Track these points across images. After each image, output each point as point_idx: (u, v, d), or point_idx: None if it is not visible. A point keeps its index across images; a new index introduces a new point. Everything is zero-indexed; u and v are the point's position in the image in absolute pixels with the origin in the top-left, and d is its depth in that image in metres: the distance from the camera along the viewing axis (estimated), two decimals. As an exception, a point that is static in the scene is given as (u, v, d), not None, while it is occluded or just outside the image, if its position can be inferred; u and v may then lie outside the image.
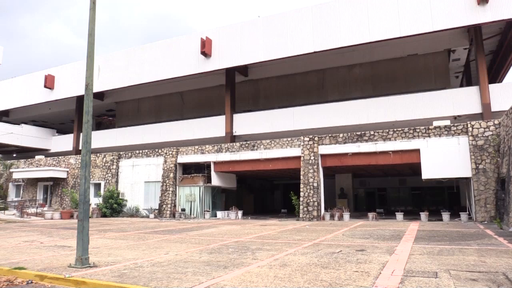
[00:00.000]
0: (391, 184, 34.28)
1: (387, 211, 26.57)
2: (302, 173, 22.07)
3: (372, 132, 21.06)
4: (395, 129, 20.62)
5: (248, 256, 8.88)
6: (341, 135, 21.80)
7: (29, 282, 6.85)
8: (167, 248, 10.52)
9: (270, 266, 7.66)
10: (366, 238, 12.28)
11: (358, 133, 21.40)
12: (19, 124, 40.37)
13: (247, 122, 28.15)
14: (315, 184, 21.59)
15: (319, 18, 24.45)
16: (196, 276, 6.72)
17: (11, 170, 33.08)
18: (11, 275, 7.23)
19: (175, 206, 25.53)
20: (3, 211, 26.28)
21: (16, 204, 30.20)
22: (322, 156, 22.17)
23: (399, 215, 21.10)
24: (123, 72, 31.65)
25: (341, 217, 21.57)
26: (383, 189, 35.65)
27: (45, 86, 35.95)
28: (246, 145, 24.39)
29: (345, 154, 21.48)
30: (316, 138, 22.21)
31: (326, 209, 22.30)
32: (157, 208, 25.91)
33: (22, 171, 32.28)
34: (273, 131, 26.99)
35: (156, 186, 26.71)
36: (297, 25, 25.05)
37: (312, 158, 21.96)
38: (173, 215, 25.04)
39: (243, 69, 28.94)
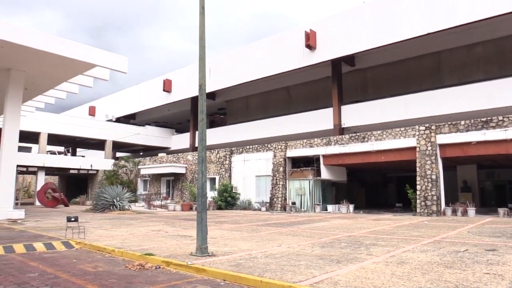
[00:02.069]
0: (527, 175, 30.08)
1: (521, 206, 23.38)
2: (418, 165, 20.61)
3: (500, 118, 18.68)
4: (529, 113, 18.03)
5: (362, 252, 8.57)
6: (462, 122, 19.79)
7: (158, 267, 7.52)
8: (279, 240, 10.69)
9: (386, 263, 7.27)
10: (497, 237, 10.96)
11: (483, 119, 19.18)
12: (144, 126, 45.02)
13: (356, 114, 27.27)
14: (434, 177, 19.98)
15: (432, -3, 22.51)
16: (309, 270, 6.68)
17: (139, 167, 37.00)
18: (142, 260, 8.03)
19: (285, 199, 25.91)
20: (134, 203, 29.47)
21: (144, 197, 33.70)
22: (441, 146, 20.40)
23: (538, 211, 18.44)
24: (231, 72, 33.13)
25: (465, 213, 19.65)
26: (516, 182, 31.47)
27: (163, 90, 39.46)
28: (356, 137, 23.63)
29: (468, 143, 19.43)
30: (433, 127, 20.52)
31: (447, 204, 20.51)
32: (268, 201, 26.57)
33: (148, 167, 35.87)
34: (383, 122, 25.71)
35: (266, 180, 27.42)
36: (407, 6, 23.40)
37: (429, 148, 20.35)
38: (283, 208, 25.45)
39: (350, 59, 28.02)
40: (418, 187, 20.44)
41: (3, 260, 8.29)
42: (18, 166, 23.26)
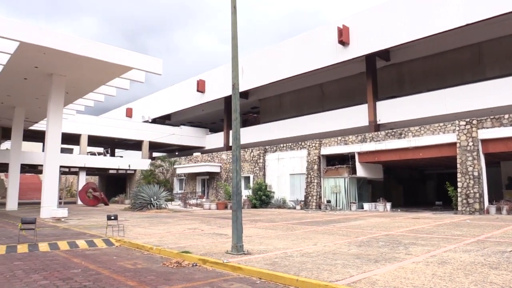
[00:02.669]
0: None
1: None
2: (458, 161, 19.86)
3: (548, 110, 17.71)
4: None
5: (400, 251, 8.35)
6: (506, 116, 18.88)
7: (194, 265, 7.63)
8: (315, 239, 10.59)
9: (427, 263, 7.05)
10: (546, 236, 10.40)
11: (529, 112, 18.23)
12: (178, 126, 45.82)
13: (392, 109, 26.59)
14: (476, 173, 19.18)
15: (471, -14, 21.57)
16: (346, 269, 6.58)
17: (174, 166, 37.70)
18: (179, 257, 8.17)
19: (320, 197, 25.66)
20: (170, 202, 30.04)
21: (179, 195, 34.30)
22: (483, 141, 19.56)
23: None
24: (264, 70, 33.13)
25: (510, 211, 18.73)
26: None
27: (197, 90, 40.02)
28: (392, 133, 23.06)
29: (513, 138, 18.54)
30: (474, 122, 19.71)
31: (490, 202, 19.63)
32: (303, 199, 26.40)
33: (183, 167, 36.48)
34: (421, 117, 24.93)
35: (301, 178, 27.25)
36: (445, -3, 22.57)
37: (471, 144, 19.56)
38: (318, 206, 25.21)
39: (384, 54, 27.36)
40: (459, 184, 19.70)
41: (48, 257, 8.66)
42: (61, 167, 24.26)
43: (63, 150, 27.80)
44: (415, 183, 34.92)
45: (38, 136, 37.61)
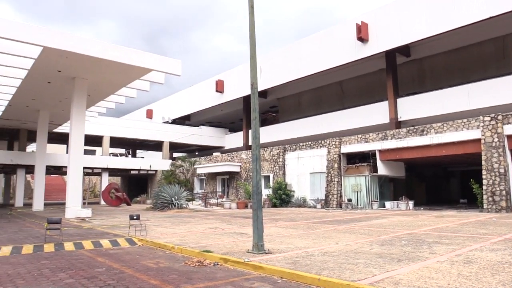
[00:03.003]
0: None
1: None
2: (483, 158, 19.37)
3: None
4: None
5: (424, 250, 8.20)
6: (533, 111, 18.34)
7: (215, 264, 7.67)
8: (336, 238, 10.51)
9: (452, 262, 6.90)
10: None
11: (557, 106, 17.65)
12: (198, 126, 46.18)
13: (413, 106, 26.14)
14: (502, 170, 18.68)
15: (494, -22, 20.99)
16: (368, 268, 6.50)
17: (195, 166, 37.99)
18: (201, 257, 8.23)
19: (341, 196, 25.45)
20: (191, 202, 30.27)
21: (200, 195, 34.55)
22: (509, 137, 19.02)
23: None
24: (282, 69, 33.05)
25: (538, 208, 18.20)
26: None
27: (216, 91, 40.22)
28: (414, 130, 22.67)
29: (540, 133, 17.98)
30: (499, 117, 19.18)
31: (517, 199, 19.12)
32: (323, 198, 26.23)
33: (204, 166, 36.73)
34: (443, 113, 24.41)
35: (321, 177, 27.07)
36: (467, -10, 22.02)
37: (496, 140, 19.05)
38: (339, 205, 25.00)
39: (405, 49, 26.90)
40: (484, 181, 19.22)
41: (73, 256, 8.86)
42: (84, 168, 24.77)
43: (86, 152, 28.35)
44: (438, 181, 34.25)
45: (62, 138, 38.49)
